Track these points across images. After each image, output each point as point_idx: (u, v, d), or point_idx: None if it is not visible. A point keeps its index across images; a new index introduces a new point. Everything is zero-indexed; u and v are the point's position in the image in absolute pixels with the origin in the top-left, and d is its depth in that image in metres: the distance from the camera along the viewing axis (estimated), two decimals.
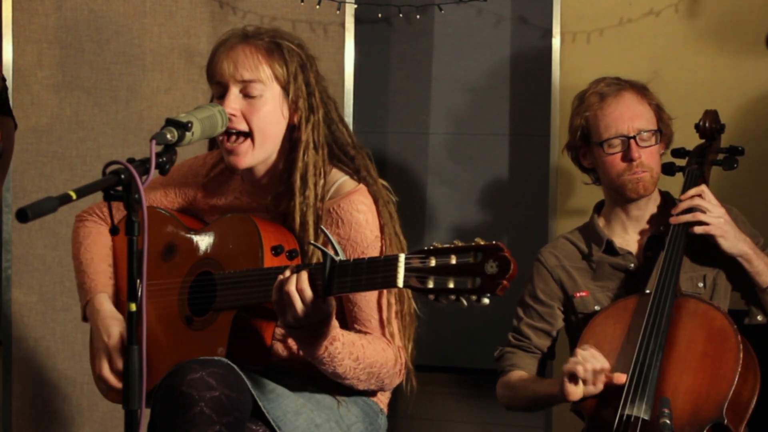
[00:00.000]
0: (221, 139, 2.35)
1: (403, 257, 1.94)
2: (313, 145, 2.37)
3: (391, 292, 2.32)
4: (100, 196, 1.91)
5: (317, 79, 2.42)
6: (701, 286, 2.72)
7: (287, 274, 2.12)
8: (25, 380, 3.82)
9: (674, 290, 2.57)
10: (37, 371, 3.82)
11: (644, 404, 2.44)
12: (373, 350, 2.28)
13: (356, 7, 3.56)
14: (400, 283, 1.94)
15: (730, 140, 2.88)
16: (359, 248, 2.32)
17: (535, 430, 3.60)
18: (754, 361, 2.51)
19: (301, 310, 2.10)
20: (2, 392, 3.83)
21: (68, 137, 3.77)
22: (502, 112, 3.64)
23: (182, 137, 2.07)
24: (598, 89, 2.76)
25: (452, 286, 1.86)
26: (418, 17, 3.60)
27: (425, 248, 1.92)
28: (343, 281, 2.05)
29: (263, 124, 2.36)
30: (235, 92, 2.35)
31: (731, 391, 2.43)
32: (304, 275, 2.10)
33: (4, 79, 3.27)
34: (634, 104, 2.74)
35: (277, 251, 2.27)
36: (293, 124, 2.39)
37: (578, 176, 2.99)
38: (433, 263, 1.89)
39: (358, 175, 2.40)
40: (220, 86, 2.38)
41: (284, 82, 2.37)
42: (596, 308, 2.75)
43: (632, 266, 2.76)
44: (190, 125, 2.09)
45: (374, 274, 2.00)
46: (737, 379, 2.44)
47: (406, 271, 1.93)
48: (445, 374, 3.70)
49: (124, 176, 1.90)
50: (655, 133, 2.73)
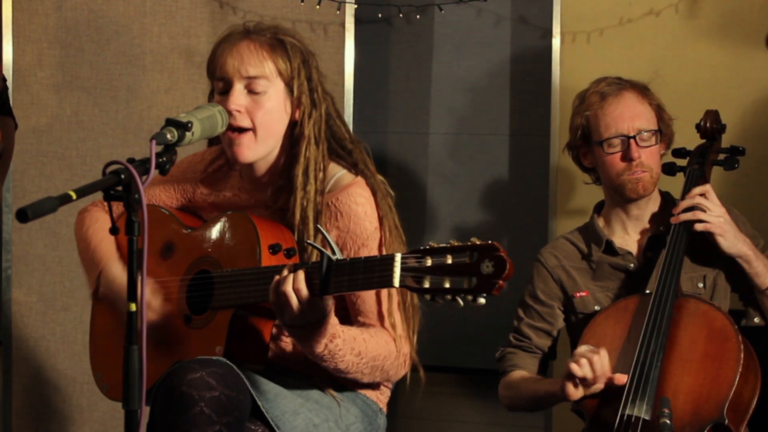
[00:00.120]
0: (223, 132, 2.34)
1: (399, 257, 1.94)
2: (314, 140, 2.37)
3: None
4: (99, 196, 1.91)
5: (318, 74, 2.42)
6: (701, 286, 2.72)
7: (284, 273, 2.12)
8: (25, 380, 3.82)
9: (675, 290, 2.57)
10: (37, 371, 3.82)
11: (645, 404, 2.44)
12: (375, 343, 2.28)
13: (356, 7, 3.56)
14: (396, 282, 1.94)
15: (730, 140, 2.87)
16: (359, 240, 2.32)
17: (535, 430, 3.59)
18: (754, 361, 2.50)
19: (298, 309, 2.10)
20: (2, 392, 3.82)
21: (68, 137, 3.77)
22: (502, 112, 3.64)
23: (182, 137, 2.07)
24: (598, 89, 2.76)
25: (448, 285, 1.86)
26: (418, 17, 3.60)
27: (421, 248, 1.92)
28: (339, 280, 2.05)
29: (267, 120, 2.35)
30: (239, 88, 2.34)
31: (732, 391, 2.43)
32: (300, 275, 2.10)
33: (4, 79, 3.26)
34: (634, 104, 2.74)
35: (274, 249, 2.27)
36: (295, 120, 2.39)
37: (578, 176, 2.99)
38: (429, 263, 1.89)
39: (356, 168, 2.40)
40: (222, 82, 2.36)
41: (288, 78, 2.37)
42: (596, 308, 2.75)
43: (632, 266, 2.76)
44: (190, 125, 2.09)
45: (371, 273, 2.00)
46: (738, 379, 2.44)
47: (402, 270, 1.93)
48: (445, 374, 3.69)
49: (124, 176, 1.90)
50: (655, 133, 2.73)
